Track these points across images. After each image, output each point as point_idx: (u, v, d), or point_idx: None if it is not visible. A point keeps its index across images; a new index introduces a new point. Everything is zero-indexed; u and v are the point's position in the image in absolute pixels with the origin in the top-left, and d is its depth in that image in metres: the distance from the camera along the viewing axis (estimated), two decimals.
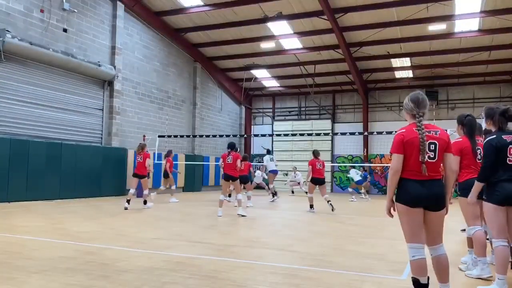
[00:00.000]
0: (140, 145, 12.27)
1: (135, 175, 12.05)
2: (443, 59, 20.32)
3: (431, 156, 3.34)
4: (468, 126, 4.65)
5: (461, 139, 4.66)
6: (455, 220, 8.45)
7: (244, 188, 13.55)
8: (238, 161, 10.28)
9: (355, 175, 17.88)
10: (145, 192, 12.14)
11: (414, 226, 3.37)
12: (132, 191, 11.71)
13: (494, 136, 4.07)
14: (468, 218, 4.57)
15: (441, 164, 3.44)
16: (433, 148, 3.34)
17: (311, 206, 11.88)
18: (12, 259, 4.96)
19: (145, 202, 12.03)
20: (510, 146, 3.97)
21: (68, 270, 4.43)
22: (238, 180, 10.48)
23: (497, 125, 4.08)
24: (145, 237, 6.83)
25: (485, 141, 4.13)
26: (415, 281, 3.34)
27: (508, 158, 3.97)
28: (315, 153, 12.05)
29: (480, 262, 4.34)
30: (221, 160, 10.65)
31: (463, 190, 4.58)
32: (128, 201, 11.30)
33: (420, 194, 3.31)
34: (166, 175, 14.67)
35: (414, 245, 3.35)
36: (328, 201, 11.68)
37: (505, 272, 3.91)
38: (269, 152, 18.25)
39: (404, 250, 6.04)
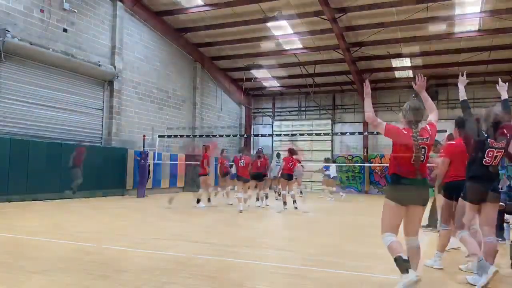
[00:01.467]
0: (204, 146, 12.93)
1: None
2: (443, 60, 20.32)
3: (421, 158, 3.81)
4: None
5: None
6: None
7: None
8: (250, 165, 11.82)
9: (334, 171, 17.26)
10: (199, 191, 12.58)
11: (396, 220, 3.85)
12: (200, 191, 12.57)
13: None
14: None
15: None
16: (424, 152, 3.83)
17: (285, 203, 12.05)
18: (12, 259, 4.96)
19: (198, 201, 12.42)
20: (489, 149, 4.32)
21: (68, 270, 4.44)
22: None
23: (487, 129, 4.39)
24: (145, 237, 6.84)
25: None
26: (399, 258, 3.69)
27: (484, 159, 4.34)
28: (291, 151, 12.79)
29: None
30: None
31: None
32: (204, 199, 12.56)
33: (409, 193, 3.78)
34: (223, 175, 14.38)
35: (390, 234, 3.81)
36: (293, 201, 12.15)
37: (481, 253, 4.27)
38: (278, 156, 17.06)
39: (404, 250, 6.05)
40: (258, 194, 13.20)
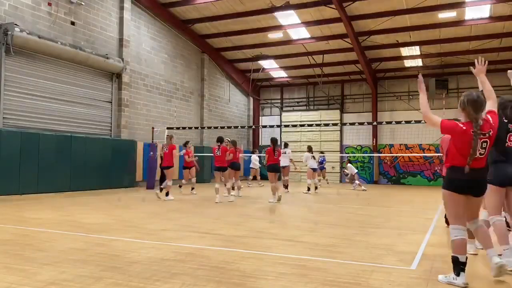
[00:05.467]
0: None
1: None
2: (453, 47, 20.04)
3: (482, 152, 3.70)
4: None
5: None
6: None
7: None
8: (227, 154, 11.41)
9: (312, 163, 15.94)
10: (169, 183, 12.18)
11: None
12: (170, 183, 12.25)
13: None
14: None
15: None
16: (485, 146, 3.71)
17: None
18: (23, 250, 5.03)
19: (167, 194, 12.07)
20: (510, 133, 4.42)
21: (79, 262, 4.49)
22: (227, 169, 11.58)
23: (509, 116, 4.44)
24: (155, 228, 6.88)
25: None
26: (456, 260, 3.71)
27: (506, 143, 4.39)
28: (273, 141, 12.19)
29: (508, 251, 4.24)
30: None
31: None
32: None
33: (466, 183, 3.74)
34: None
35: (458, 226, 3.79)
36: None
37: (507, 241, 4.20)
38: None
39: (412, 240, 6.03)
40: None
